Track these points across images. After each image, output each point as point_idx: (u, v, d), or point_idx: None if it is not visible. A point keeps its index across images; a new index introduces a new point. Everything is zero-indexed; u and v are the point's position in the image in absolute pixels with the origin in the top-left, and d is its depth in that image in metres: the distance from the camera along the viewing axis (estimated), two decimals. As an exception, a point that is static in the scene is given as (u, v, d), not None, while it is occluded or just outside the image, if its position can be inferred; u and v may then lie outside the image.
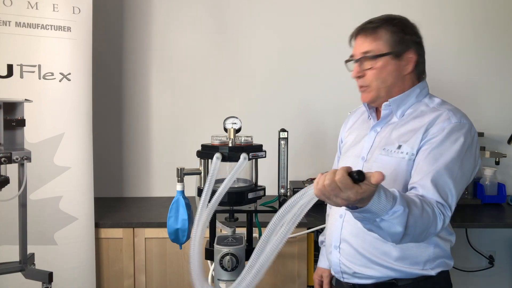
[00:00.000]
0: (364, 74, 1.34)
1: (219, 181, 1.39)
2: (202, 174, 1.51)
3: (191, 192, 1.55)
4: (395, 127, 1.33)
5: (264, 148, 1.53)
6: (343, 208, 1.34)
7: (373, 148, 1.35)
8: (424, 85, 1.38)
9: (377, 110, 1.43)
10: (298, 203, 0.98)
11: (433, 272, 1.30)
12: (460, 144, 1.22)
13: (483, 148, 2.46)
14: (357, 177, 0.91)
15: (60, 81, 1.96)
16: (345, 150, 1.51)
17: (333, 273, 1.45)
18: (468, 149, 1.24)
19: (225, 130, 1.52)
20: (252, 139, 1.53)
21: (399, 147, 1.28)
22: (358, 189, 0.92)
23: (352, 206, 1.01)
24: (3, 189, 1.88)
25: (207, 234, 1.56)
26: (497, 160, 2.42)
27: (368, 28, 1.34)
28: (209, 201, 1.33)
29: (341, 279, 1.41)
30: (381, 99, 1.36)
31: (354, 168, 0.94)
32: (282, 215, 1.00)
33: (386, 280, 1.31)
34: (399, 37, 1.31)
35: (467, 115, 1.32)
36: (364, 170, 1.28)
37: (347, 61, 1.39)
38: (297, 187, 2.35)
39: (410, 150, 1.26)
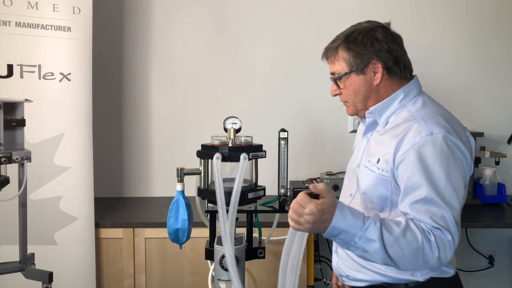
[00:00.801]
0: (340, 92, 1.37)
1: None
2: (202, 174, 1.51)
3: (191, 192, 1.55)
4: (379, 136, 1.32)
5: (264, 148, 1.53)
6: None
7: (364, 156, 1.36)
8: (410, 87, 1.31)
9: None
10: (292, 247, 1.18)
11: (421, 279, 1.27)
12: (437, 160, 1.15)
13: (483, 148, 2.46)
14: (313, 194, 1.09)
15: (60, 81, 1.96)
16: (353, 155, 1.52)
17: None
18: (450, 159, 1.16)
19: (225, 130, 1.52)
20: (252, 139, 1.53)
21: (378, 161, 1.26)
22: (317, 201, 1.08)
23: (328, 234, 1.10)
24: (3, 189, 1.88)
25: (207, 234, 1.57)
26: (497, 160, 2.42)
27: (329, 49, 1.36)
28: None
29: (342, 281, 1.44)
30: (361, 111, 1.36)
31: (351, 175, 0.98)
32: (285, 264, 1.21)
33: (377, 284, 1.32)
34: (356, 52, 1.29)
35: (460, 117, 1.29)
36: (358, 179, 1.35)
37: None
38: (297, 187, 2.35)
39: (385, 167, 1.23)
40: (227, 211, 1.35)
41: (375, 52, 1.28)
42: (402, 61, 1.31)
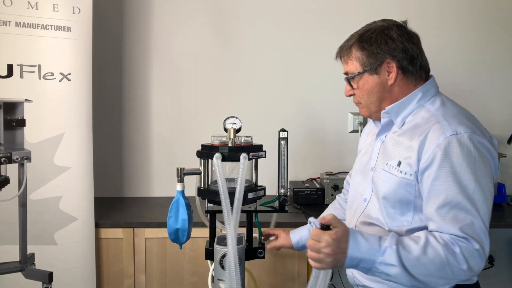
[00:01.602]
0: (353, 92, 1.34)
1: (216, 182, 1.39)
2: (202, 174, 1.51)
3: (191, 192, 1.55)
4: (396, 137, 1.28)
5: (264, 148, 1.53)
6: (355, 221, 1.35)
7: (379, 158, 1.31)
8: (428, 87, 1.28)
9: None
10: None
11: (447, 287, 1.22)
12: (464, 160, 1.10)
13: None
14: (323, 226, 1.08)
15: (60, 81, 1.96)
16: (359, 157, 1.48)
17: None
18: (477, 159, 1.12)
19: (225, 130, 1.52)
20: (252, 139, 1.53)
21: (399, 163, 1.22)
22: (330, 232, 1.06)
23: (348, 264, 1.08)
24: (3, 189, 1.88)
25: (207, 234, 1.57)
26: (497, 160, 2.42)
27: (343, 49, 1.33)
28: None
29: (355, 285, 1.40)
30: (376, 113, 1.32)
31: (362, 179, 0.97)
32: None
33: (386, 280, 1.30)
34: (370, 52, 1.26)
35: (470, 113, 1.25)
36: (374, 182, 1.31)
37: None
38: (297, 187, 2.35)
39: (408, 170, 1.19)
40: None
41: (389, 51, 1.24)
42: (418, 61, 1.27)
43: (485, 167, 1.13)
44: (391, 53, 1.24)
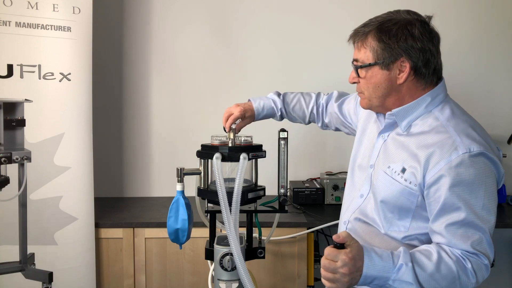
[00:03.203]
0: (358, 81, 1.27)
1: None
2: (202, 174, 1.51)
3: (191, 192, 1.55)
4: (401, 140, 1.24)
5: (264, 148, 1.53)
6: (349, 216, 1.34)
7: (379, 158, 1.29)
8: (437, 92, 1.23)
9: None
10: None
11: None
12: (476, 179, 1.10)
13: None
14: (338, 244, 1.05)
15: (60, 81, 1.96)
16: (356, 148, 1.44)
17: None
18: (488, 176, 1.12)
19: (225, 130, 1.52)
20: (252, 139, 1.53)
21: (403, 170, 1.19)
22: (346, 250, 1.03)
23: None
24: (3, 189, 1.88)
25: (207, 234, 1.57)
26: (497, 160, 2.42)
27: (358, 34, 1.24)
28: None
29: None
30: (377, 107, 1.27)
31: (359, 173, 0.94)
32: None
33: None
34: (386, 45, 1.18)
35: (477, 122, 1.22)
36: (372, 181, 1.29)
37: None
38: (297, 187, 2.35)
39: (413, 179, 1.17)
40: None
41: (406, 49, 1.17)
42: (432, 64, 1.21)
43: (493, 183, 1.14)
44: (408, 51, 1.18)
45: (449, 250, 1.11)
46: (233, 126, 1.54)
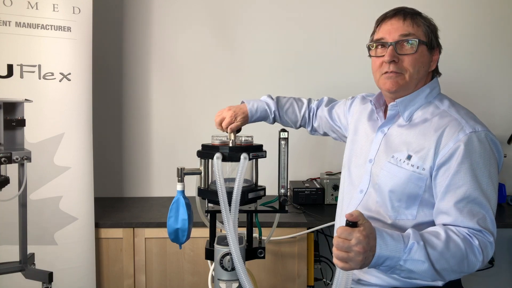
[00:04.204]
0: (400, 59, 1.24)
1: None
2: (203, 174, 1.51)
3: (191, 192, 1.55)
4: (403, 131, 1.28)
5: (264, 148, 1.53)
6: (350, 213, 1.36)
7: (380, 151, 1.31)
8: (435, 84, 1.32)
9: (385, 110, 1.38)
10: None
11: (440, 283, 1.24)
12: (481, 158, 1.15)
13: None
14: (350, 223, 1.03)
15: (60, 81, 1.96)
16: (350, 148, 1.47)
17: None
18: (491, 156, 1.17)
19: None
20: (252, 139, 1.53)
21: (409, 157, 1.22)
22: (360, 229, 1.02)
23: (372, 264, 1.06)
24: (3, 189, 1.88)
25: (207, 234, 1.57)
26: (497, 160, 2.42)
27: (408, 12, 1.26)
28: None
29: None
30: (407, 90, 1.27)
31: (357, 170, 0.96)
32: None
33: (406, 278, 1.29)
34: (431, 31, 1.28)
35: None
36: (372, 174, 1.31)
37: (375, 43, 1.28)
38: (297, 187, 2.35)
39: (421, 164, 1.20)
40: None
41: (438, 40, 1.31)
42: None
43: (495, 164, 1.18)
44: (439, 42, 1.31)
45: (455, 229, 1.13)
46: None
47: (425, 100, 1.29)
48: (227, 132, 1.56)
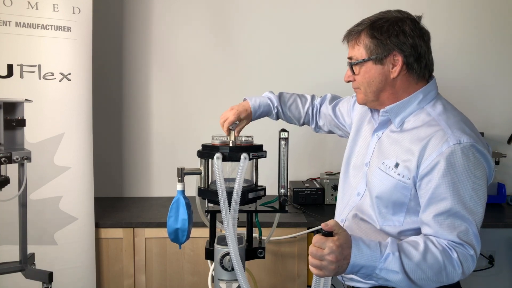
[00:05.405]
0: (353, 79, 1.31)
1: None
2: (203, 174, 1.51)
3: (191, 192, 1.55)
4: (395, 136, 1.28)
5: (264, 148, 1.53)
6: (346, 213, 1.36)
7: (374, 155, 1.32)
8: (430, 89, 1.27)
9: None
10: None
11: None
12: (465, 170, 1.13)
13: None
14: (326, 232, 1.05)
15: (60, 81, 1.96)
16: (350, 148, 1.47)
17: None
18: (476, 168, 1.14)
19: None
20: (252, 139, 1.53)
21: (397, 165, 1.22)
22: (333, 238, 1.04)
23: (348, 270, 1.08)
24: (3, 189, 1.88)
25: (207, 234, 1.57)
26: (497, 160, 2.42)
27: (352, 33, 1.30)
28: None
29: (342, 282, 1.41)
30: (372, 102, 1.31)
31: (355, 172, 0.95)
32: None
33: (380, 286, 1.30)
34: (379, 41, 1.23)
35: (468, 118, 1.25)
36: (367, 178, 1.31)
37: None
38: (297, 187, 2.35)
39: (406, 173, 1.20)
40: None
41: (398, 44, 1.22)
42: (424, 59, 1.25)
43: (482, 175, 1.16)
44: (399, 46, 1.22)
45: (436, 240, 1.13)
46: (231, 128, 1.54)
47: (418, 106, 1.26)
48: (230, 130, 1.55)
